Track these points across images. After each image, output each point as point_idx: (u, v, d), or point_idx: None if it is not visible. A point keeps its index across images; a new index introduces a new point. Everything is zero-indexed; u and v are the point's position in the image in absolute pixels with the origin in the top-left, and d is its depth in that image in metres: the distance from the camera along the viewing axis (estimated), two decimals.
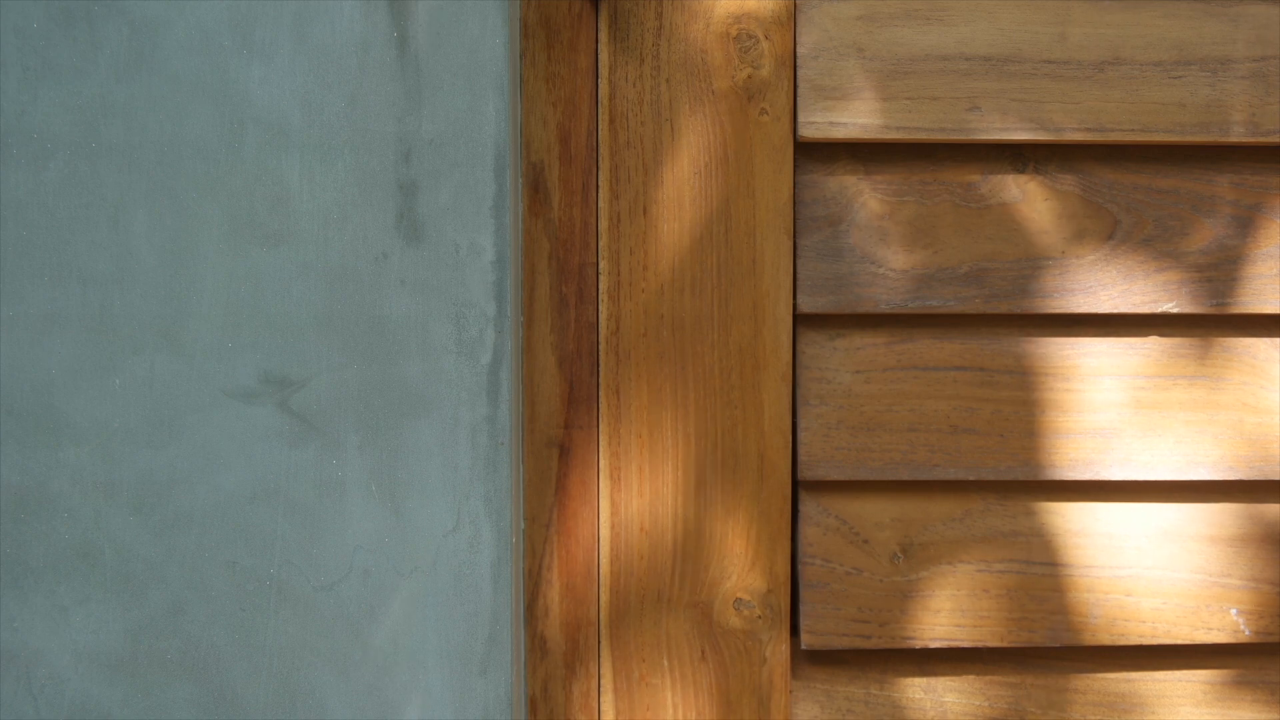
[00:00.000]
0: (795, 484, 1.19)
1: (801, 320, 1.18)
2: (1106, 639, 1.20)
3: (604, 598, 1.18)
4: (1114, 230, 1.18)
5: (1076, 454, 1.18)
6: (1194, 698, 1.23)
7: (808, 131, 1.15)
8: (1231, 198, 1.18)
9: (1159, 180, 1.18)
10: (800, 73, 1.15)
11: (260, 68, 1.06)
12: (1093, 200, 1.17)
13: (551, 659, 1.19)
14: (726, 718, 1.19)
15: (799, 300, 1.17)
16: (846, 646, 1.19)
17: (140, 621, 1.08)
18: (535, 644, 1.18)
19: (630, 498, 1.18)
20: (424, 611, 1.09)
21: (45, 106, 1.05)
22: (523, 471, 1.16)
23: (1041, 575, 1.20)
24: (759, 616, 1.19)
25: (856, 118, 1.15)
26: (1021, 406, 1.18)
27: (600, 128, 1.15)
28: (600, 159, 1.16)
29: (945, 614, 1.20)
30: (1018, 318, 1.19)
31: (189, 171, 1.06)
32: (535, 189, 1.16)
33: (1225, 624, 1.21)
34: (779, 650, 1.19)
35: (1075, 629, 1.20)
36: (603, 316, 1.16)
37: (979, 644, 1.20)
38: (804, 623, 1.19)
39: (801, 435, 1.18)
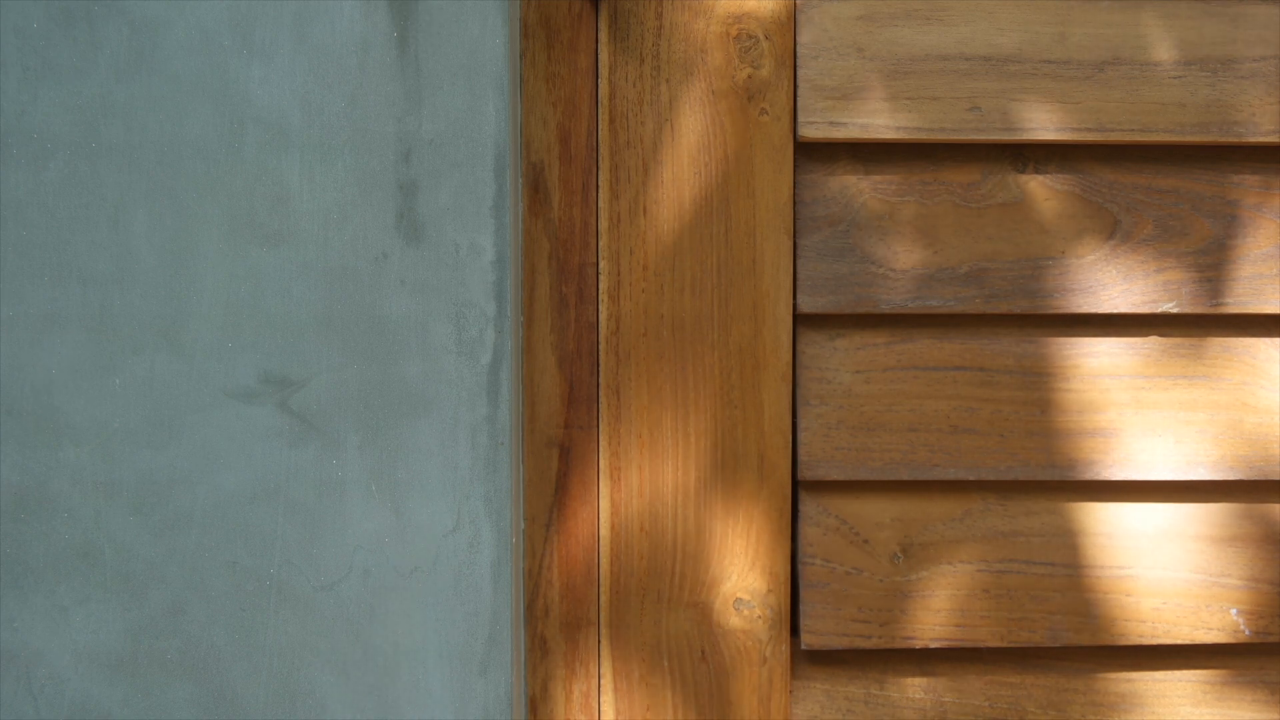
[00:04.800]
0: (795, 484, 1.19)
1: (801, 320, 1.18)
2: (1106, 639, 1.20)
3: (604, 598, 1.18)
4: (1114, 230, 1.18)
5: (1076, 454, 1.19)
6: (1194, 697, 1.23)
7: (808, 131, 1.15)
8: (1231, 198, 1.18)
9: (1159, 180, 1.18)
10: (800, 73, 1.15)
11: (260, 68, 1.06)
12: (1093, 200, 1.17)
13: (551, 659, 1.19)
14: (726, 718, 1.19)
15: (799, 300, 1.17)
16: (846, 646, 1.19)
17: (140, 621, 1.08)
18: (535, 644, 1.18)
19: (630, 498, 1.18)
20: (424, 611, 1.09)
21: (45, 106, 1.05)
22: (523, 471, 1.16)
23: (1041, 575, 1.20)
24: (759, 616, 1.19)
25: (857, 117, 1.15)
26: (1021, 406, 1.18)
27: (600, 128, 1.15)
28: (600, 159, 1.16)
29: (945, 614, 1.20)
30: (1018, 318, 1.19)
31: (189, 171, 1.06)
32: (535, 189, 1.16)
33: (1225, 624, 1.21)
34: (779, 650, 1.19)
35: (1075, 629, 1.20)
36: (603, 316, 1.16)
37: (979, 644, 1.20)
38: (804, 623, 1.19)
39: (801, 435, 1.18)
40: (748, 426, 1.17)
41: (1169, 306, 1.18)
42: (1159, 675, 1.23)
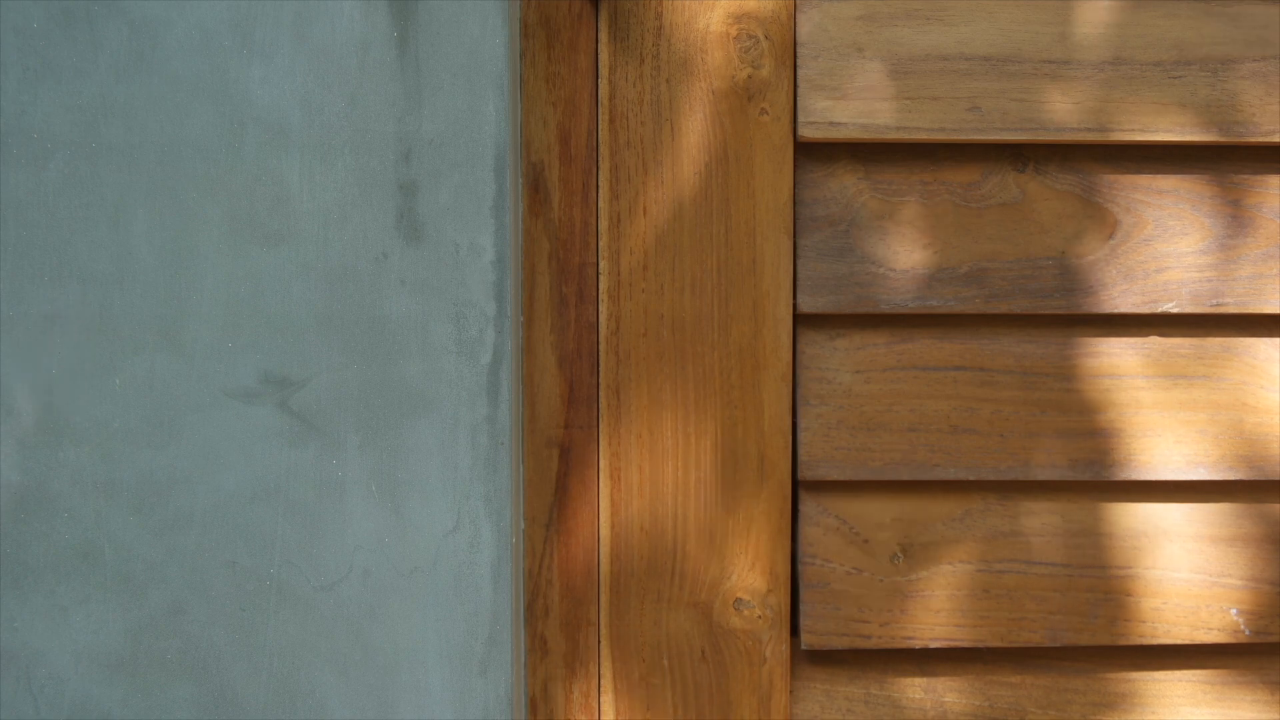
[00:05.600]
0: (795, 484, 1.19)
1: (801, 320, 1.18)
2: (1106, 639, 1.20)
3: (604, 598, 1.18)
4: (1114, 230, 1.18)
5: (1076, 454, 1.19)
6: (1194, 698, 1.23)
7: (808, 131, 1.15)
8: (1231, 198, 1.18)
9: (1159, 180, 1.18)
10: (800, 73, 1.15)
11: (260, 68, 1.06)
12: (1093, 200, 1.17)
13: (551, 659, 1.19)
14: (726, 718, 1.19)
15: (799, 300, 1.17)
16: (846, 646, 1.19)
17: (140, 621, 1.08)
18: (535, 644, 1.18)
19: (630, 498, 1.18)
20: (424, 611, 1.09)
21: (45, 106, 1.05)
22: (523, 471, 1.16)
23: (1041, 575, 1.20)
24: (759, 616, 1.19)
25: (857, 118, 1.15)
26: (1021, 406, 1.18)
27: (600, 128, 1.15)
28: (600, 159, 1.16)
29: (945, 614, 1.20)
30: (1018, 318, 1.19)
31: (189, 171, 1.06)
32: (535, 189, 1.16)
33: (1225, 624, 1.21)
34: (779, 650, 1.19)
35: (1075, 629, 1.20)
36: (603, 316, 1.16)
37: (979, 644, 1.20)
38: (804, 623, 1.19)
39: (801, 435, 1.18)
40: (748, 426, 1.17)
41: (1169, 306, 1.18)
42: (1159, 675, 1.23)
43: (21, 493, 1.07)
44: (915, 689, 1.22)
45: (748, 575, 1.19)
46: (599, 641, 1.19)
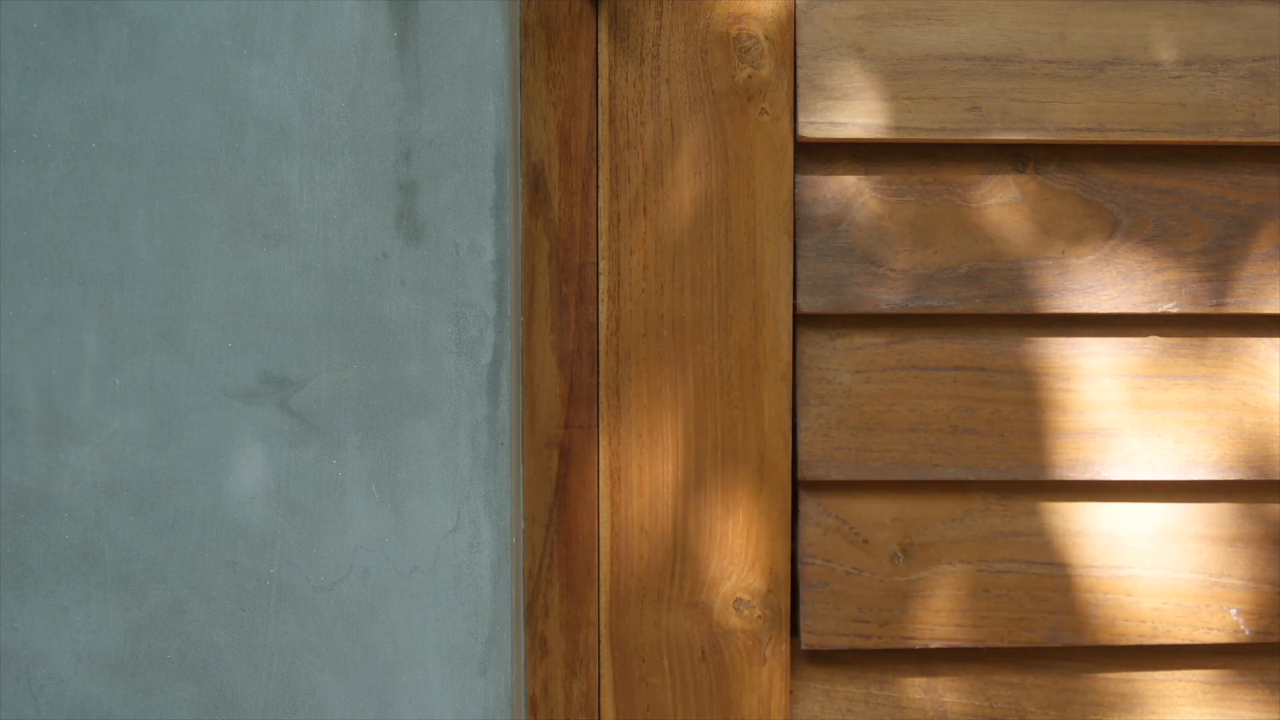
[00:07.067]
0: (795, 484, 1.19)
1: (801, 320, 1.18)
2: (1106, 639, 1.20)
3: (604, 598, 1.18)
4: (1114, 230, 1.18)
5: (1076, 454, 1.19)
6: (1194, 697, 1.23)
7: (808, 131, 1.15)
8: (1231, 198, 1.18)
9: (1159, 180, 1.18)
10: (800, 73, 1.15)
11: (260, 68, 1.06)
12: (1093, 200, 1.17)
13: (551, 659, 1.19)
14: (726, 718, 1.19)
15: (799, 300, 1.17)
16: (846, 646, 1.19)
17: (140, 621, 1.08)
18: (535, 644, 1.18)
19: (630, 498, 1.18)
20: (424, 611, 1.09)
21: (45, 106, 1.05)
22: (523, 471, 1.16)
23: (1041, 575, 1.20)
24: (759, 616, 1.19)
25: (856, 117, 1.15)
26: (1021, 406, 1.18)
27: (600, 128, 1.15)
28: (600, 159, 1.16)
29: (945, 614, 1.20)
30: (1018, 318, 1.19)
31: (189, 171, 1.06)
32: (535, 189, 1.16)
33: (1225, 624, 1.21)
34: (779, 650, 1.19)
35: (1075, 629, 1.20)
36: (603, 316, 1.16)
37: (979, 644, 1.20)
38: (804, 623, 1.19)
39: (801, 435, 1.18)
40: (748, 426, 1.17)
41: (1169, 306, 1.18)
42: (1159, 675, 1.23)
43: (21, 493, 1.07)
44: (915, 689, 1.22)
45: (748, 575, 1.19)
46: (599, 641, 1.19)
